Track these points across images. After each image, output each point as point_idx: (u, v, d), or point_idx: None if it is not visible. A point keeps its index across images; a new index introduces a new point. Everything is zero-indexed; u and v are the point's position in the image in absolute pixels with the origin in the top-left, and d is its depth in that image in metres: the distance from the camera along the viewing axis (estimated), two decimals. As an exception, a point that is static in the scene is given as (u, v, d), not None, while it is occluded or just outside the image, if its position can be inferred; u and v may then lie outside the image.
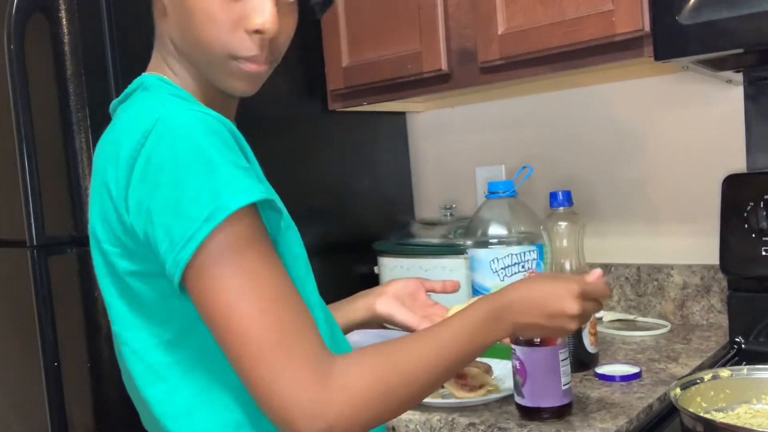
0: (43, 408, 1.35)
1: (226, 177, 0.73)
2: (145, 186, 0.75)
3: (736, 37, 1.07)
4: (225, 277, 0.72)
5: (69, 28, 1.28)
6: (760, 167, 1.41)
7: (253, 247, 0.74)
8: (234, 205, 0.72)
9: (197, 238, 0.72)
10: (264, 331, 0.72)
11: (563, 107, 1.69)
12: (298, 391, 0.72)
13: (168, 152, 0.74)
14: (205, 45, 0.84)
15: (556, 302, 0.87)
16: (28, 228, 1.32)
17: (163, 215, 0.73)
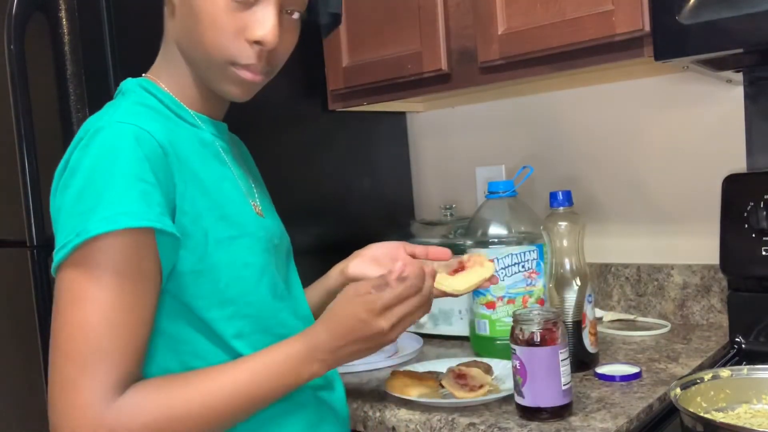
0: (43, 408, 1.35)
1: (112, 199, 0.78)
2: (61, 184, 0.83)
3: (736, 37, 1.07)
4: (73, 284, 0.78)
5: (69, 28, 1.28)
6: (760, 167, 1.41)
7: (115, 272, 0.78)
8: (96, 229, 0.77)
9: (67, 248, 0.78)
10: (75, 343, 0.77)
11: (563, 107, 1.69)
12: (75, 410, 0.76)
13: (84, 160, 0.81)
14: (207, 49, 0.89)
15: (361, 327, 0.86)
16: (28, 228, 1.32)
17: (60, 217, 0.82)
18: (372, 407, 1.16)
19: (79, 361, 0.77)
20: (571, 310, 1.23)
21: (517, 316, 1.06)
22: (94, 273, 0.78)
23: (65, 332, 0.78)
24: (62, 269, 0.79)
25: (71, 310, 0.78)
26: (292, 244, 1.11)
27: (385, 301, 0.87)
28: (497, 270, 1.32)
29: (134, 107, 0.88)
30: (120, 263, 0.79)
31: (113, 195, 0.78)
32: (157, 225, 0.80)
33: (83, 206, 0.79)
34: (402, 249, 1.16)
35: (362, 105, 1.67)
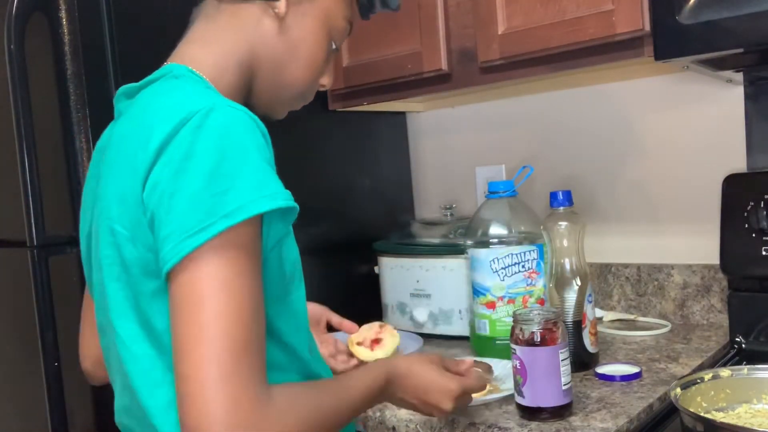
0: (43, 408, 1.35)
1: (257, 179, 0.74)
2: (169, 169, 0.74)
3: (736, 37, 1.07)
4: (216, 270, 0.72)
5: (69, 28, 1.28)
6: (761, 167, 1.41)
7: (251, 253, 0.74)
8: (257, 208, 0.73)
9: (210, 231, 0.71)
10: (225, 334, 0.71)
11: (563, 107, 1.69)
12: (232, 406, 0.69)
13: (203, 142, 0.74)
14: (296, 83, 0.96)
15: (435, 395, 0.94)
16: (28, 228, 1.32)
17: (180, 200, 0.72)
18: (372, 407, 1.16)
19: (238, 353, 0.71)
20: (571, 310, 1.23)
21: (517, 316, 1.06)
22: (239, 256, 0.73)
23: (219, 323, 0.70)
24: (199, 255, 0.71)
25: (223, 298, 0.71)
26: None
27: (467, 387, 0.97)
28: (497, 270, 1.33)
29: (213, 92, 0.83)
30: (257, 246, 0.75)
31: (257, 174, 0.74)
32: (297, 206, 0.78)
33: (220, 187, 0.72)
34: (325, 316, 1.28)
35: (362, 105, 1.67)
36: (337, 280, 1.71)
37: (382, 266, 1.65)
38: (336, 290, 1.67)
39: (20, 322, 1.42)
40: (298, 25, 0.93)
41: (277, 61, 0.93)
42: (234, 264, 0.72)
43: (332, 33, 0.96)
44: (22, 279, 1.36)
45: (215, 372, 0.69)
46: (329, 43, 0.96)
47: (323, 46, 0.95)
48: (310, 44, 0.94)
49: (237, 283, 0.72)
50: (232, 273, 0.72)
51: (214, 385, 0.69)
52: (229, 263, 0.72)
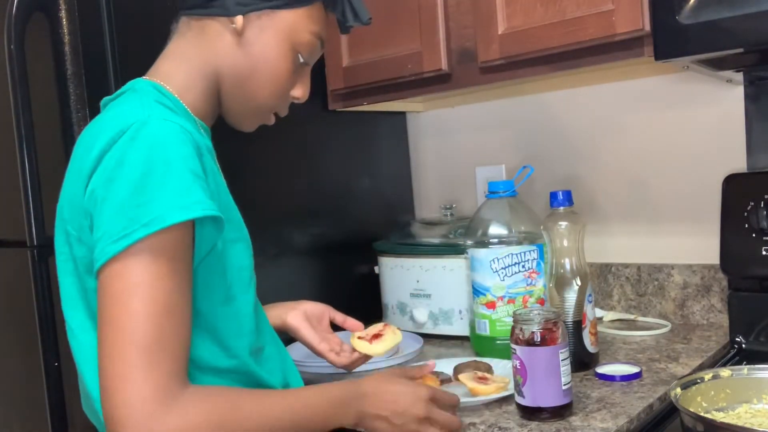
0: (43, 408, 1.35)
1: (177, 189, 0.79)
2: (103, 176, 0.81)
3: (736, 37, 1.07)
4: (133, 275, 0.78)
5: (69, 28, 1.28)
6: (761, 167, 1.41)
7: (171, 258, 0.80)
8: (172, 218, 0.78)
9: (131, 238, 0.77)
10: (142, 331, 0.77)
11: (563, 107, 1.69)
12: (141, 400, 0.75)
13: (133, 153, 0.80)
14: (262, 97, 0.98)
15: (404, 402, 0.94)
16: (28, 228, 1.32)
17: (109, 206, 0.79)
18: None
19: (144, 350, 0.76)
20: (571, 310, 1.23)
21: (517, 316, 1.06)
22: (157, 261, 0.78)
23: (130, 322, 0.77)
24: (120, 258, 0.78)
25: (135, 299, 0.77)
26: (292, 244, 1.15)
27: (437, 395, 0.98)
28: (497, 270, 1.33)
29: (159, 107, 0.89)
30: (179, 251, 0.80)
31: (178, 185, 0.79)
32: (220, 215, 0.83)
33: (143, 197, 0.78)
34: (327, 313, 1.27)
35: (362, 105, 1.67)
36: (337, 280, 1.71)
37: (382, 266, 1.65)
38: (336, 290, 1.67)
39: (20, 322, 1.42)
40: (257, 40, 0.96)
41: (238, 75, 0.97)
42: (151, 268, 0.78)
43: (297, 47, 0.98)
44: (22, 279, 1.36)
45: (121, 367, 0.76)
46: (294, 57, 0.99)
47: (286, 60, 0.98)
48: (270, 58, 0.96)
49: (154, 285, 0.78)
50: (149, 276, 0.78)
51: (120, 378, 0.76)
52: (147, 268, 0.78)
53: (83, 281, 0.88)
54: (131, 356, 0.76)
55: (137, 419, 0.74)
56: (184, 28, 0.98)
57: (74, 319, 0.90)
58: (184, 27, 0.98)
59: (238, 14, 0.94)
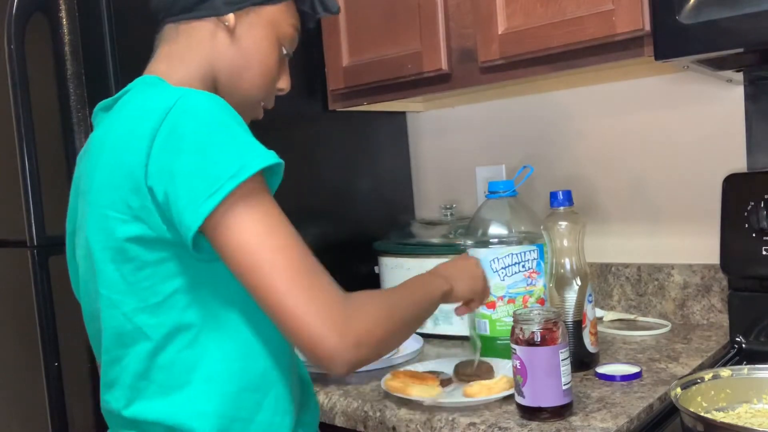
0: (43, 408, 1.35)
1: (247, 143, 0.83)
2: (168, 152, 0.82)
3: (736, 37, 1.07)
4: (250, 219, 0.81)
5: (69, 28, 1.28)
6: (761, 167, 1.41)
7: (270, 201, 0.84)
8: (257, 165, 0.81)
9: (221, 192, 0.79)
10: (292, 261, 0.81)
11: (563, 107, 1.69)
12: (330, 312, 0.80)
13: (191, 122, 0.82)
14: (253, 90, 1.02)
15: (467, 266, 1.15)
16: (28, 228, 1.32)
17: (187, 176, 0.81)
18: (372, 407, 1.16)
19: (309, 273, 0.81)
20: (571, 310, 1.23)
21: (517, 316, 1.06)
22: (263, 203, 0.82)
23: (283, 257, 0.81)
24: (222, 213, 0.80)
25: (273, 238, 0.81)
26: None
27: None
28: (497, 270, 1.32)
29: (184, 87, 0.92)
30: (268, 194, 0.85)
31: (245, 139, 0.83)
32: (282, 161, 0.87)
33: (218, 155, 0.81)
34: None
35: (362, 105, 1.67)
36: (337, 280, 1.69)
37: (382, 266, 1.65)
38: (336, 290, 1.67)
39: (20, 322, 1.42)
40: (248, 35, 1.00)
41: (234, 71, 1.01)
42: (263, 209, 0.82)
43: (281, 39, 1.04)
44: (22, 279, 1.36)
45: (299, 295, 0.80)
46: (279, 49, 1.04)
47: (274, 52, 1.03)
48: (261, 51, 1.01)
49: (275, 222, 0.83)
50: (266, 215, 0.82)
51: (304, 305, 0.80)
52: (259, 210, 0.82)
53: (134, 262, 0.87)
54: (297, 285, 0.80)
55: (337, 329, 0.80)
56: (171, 33, 1.00)
57: (125, 304, 0.89)
58: (171, 33, 1.00)
59: (229, 13, 0.98)
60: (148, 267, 0.87)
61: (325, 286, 0.82)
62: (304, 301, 0.80)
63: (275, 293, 0.80)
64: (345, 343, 0.80)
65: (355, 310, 0.83)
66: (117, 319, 0.91)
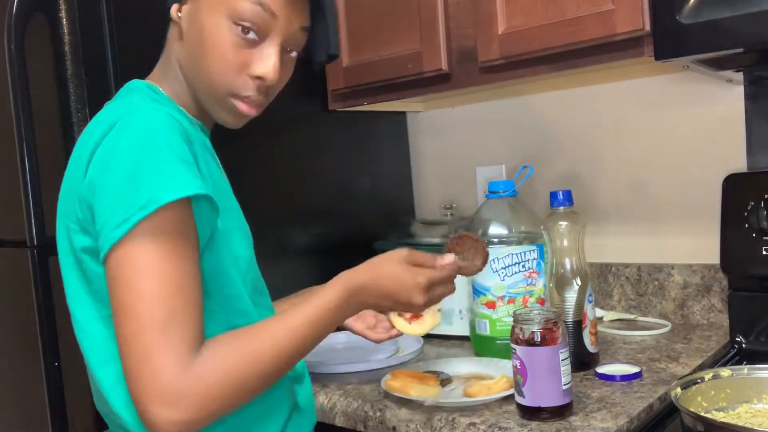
0: (43, 408, 1.35)
1: (168, 170, 0.81)
2: (98, 167, 0.84)
3: (736, 37, 1.07)
4: (138, 259, 0.80)
5: (69, 28, 1.28)
6: (761, 167, 1.41)
7: (174, 237, 0.81)
8: (167, 197, 0.80)
9: (130, 222, 0.79)
10: (149, 310, 0.79)
11: (563, 107, 1.69)
12: (160, 376, 0.78)
13: (123, 141, 0.83)
14: (212, 79, 0.94)
15: (404, 293, 0.96)
16: (28, 228, 1.32)
17: (107, 196, 0.82)
18: (372, 407, 1.16)
19: (157, 329, 0.79)
20: (571, 310, 1.23)
21: (517, 316, 1.06)
22: (159, 241, 0.80)
23: (140, 303, 0.79)
24: (123, 244, 0.80)
25: (143, 280, 0.80)
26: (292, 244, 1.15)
27: (434, 279, 0.99)
28: (498, 270, 1.33)
29: (151, 102, 0.91)
30: (179, 230, 0.82)
31: (169, 167, 0.81)
32: (211, 194, 0.85)
33: (137, 182, 0.80)
34: None
35: (362, 105, 1.67)
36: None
37: (382, 266, 1.65)
38: (336, 290, 1.67)
39: (20, 322, 1.42)
40: (193, 24, 0.95)
41: (190, 64, 0.96)
42: (155, 249, 0.80)
43: (233, 17, 0.91)
44: (22, 279, 1.36)
45: (139, 348, 0.79)
46: (231, 28, 0.91)
47: (225, 34, 0.91)
48: (209, 37, 0.92)
49: (160, 265, 0.80)
50: (154, 257, 0.80)
51: (143, 360, 0.78)
52: (151, 249, 0.80)
53: (87, 272, 0.89)
54: (147, 336, 0.78)
55: (160, 395, 0.77)
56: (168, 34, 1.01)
57: (81, 312, 0.92)
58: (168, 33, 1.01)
59: (172, 4, 0.96)
60: (98, 279, 0.88)
61: (171, 348, 0.78)
62: (142, 357, 0.78)
63: (125, 336, 0.80)
64: (164, 416, 0.78)
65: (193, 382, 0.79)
66: (76, 326, 0.93)
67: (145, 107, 0.86)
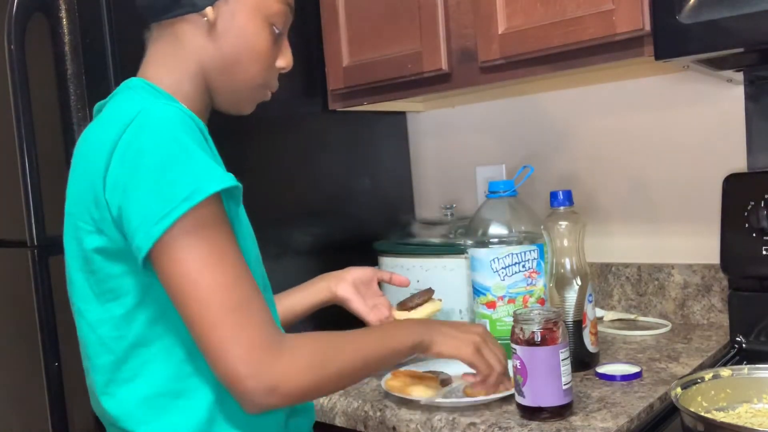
0: (43, 408, 1.35)
1: (203, 164, 0.82)
2: (124, 167, 0.82)
3: (736, 37, 1.07)
4: (194, 250, 0.80)
5: (69, 28, 1.28)
6: (761, 166, 1.41)
7: (220, 228, 0.83)
8: (211, 188, 0.81)
9: (173, 215, 0.79)
10: (226, 298, 0.80)
11: (563, 107, 1.69)
12: (251, 352, 0.80)
13: (148, 138, 0.82)
14: (252, 76, 0.99)
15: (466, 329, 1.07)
16: (29, 228, 1.32)
17: (141, 194, 0.80)
18: (372, 407, 1.16)
19: (239, 311, 0.80)
20: (571, 310, 1.23)
21: (517, 316, 1.06)
22: (207, 232, 0.81)
23: (212, 294, 0.80)
24: (169, 240, 0.80)
25: (207, 272, 0.80)
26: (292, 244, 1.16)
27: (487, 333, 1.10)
28: (498, 270, 1.33)
29: (160, 99, 0.90)
30: (222, 221, 0.83)
31: (202, 161, 0.82)
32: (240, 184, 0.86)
33: (172, 176, 0.80)
34: (375, 276, 1.33)
35: (362, 105, 1.67)
36: (338, 280, 1.70)
37: (382, 266, 1.65)
38: (336, 290, 1.67)
39: (20, 322, 1.42)
40: (232, 25, 0.96)
41: (224, 65, 0.98)
42: (210, 239, 0.81)
43: (270, 19, 0.99)
44: (22, 279, 1.36)
45: (228, 331, 0.79)
46: (270, 30, 0.99)
47: (264, 35, 0.98)
48: (249, 38, 0.97)
49: (218, 255, 0.81)
50: (212, 247, 0.81)
51: (224, 342, 0.79)
52: (206, 240, 0.81)
53: (97, 273, 0.88)
54: (226, 321, 0.79)
55: (255, 370, 0.79)
56: (156, 33, 0.99)
57: (90, 313, 0.91)
58: (156, 33, 0.99)
59: (206, 6, 0.95)
60: (111, 279, 0.87)
61: (255, 325, 0.81)
62: (228, 337, 0.79)
63: (204, 328, 0.80)
64: (259, 387, 0.80)
65: (283, 354, 0.81)
66: (83, 328, 0.93)
67: (159, 104, 0.85)
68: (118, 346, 0.89)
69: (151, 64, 0.99)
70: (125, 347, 0.89)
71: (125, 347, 0.89)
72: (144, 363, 0.89)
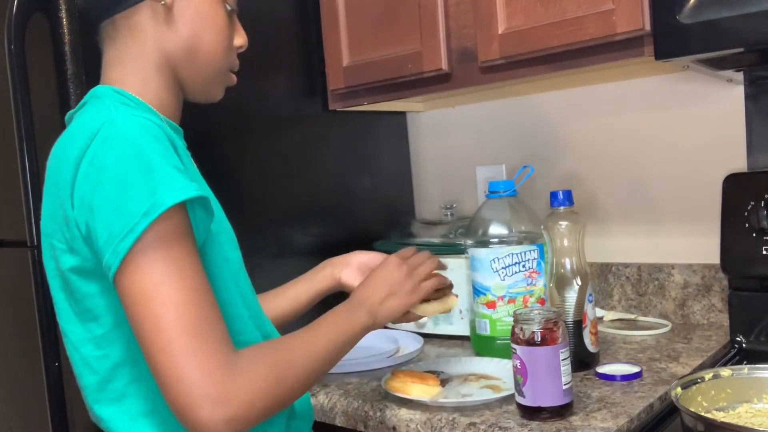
0: (43, 408, 1.35)
1: (163, 176, 0.79)
2: (88, 183, 0.80)
3: (736, 36, 1.07)
4: (153, 265, 0.78)
5: (69, 28, 1.28)
6: (761, 166, 1.41)
7: (181, 241, 0.80)
8: (169, 201, 0.78)
9: (136, 231, 0.77)
10: (179, 318, 0.77)
11: (563, 107, 1.69)
12: (205, 377, 0.76)
13: (110, 153, 0.80)
14: (216, 59, 0.97)
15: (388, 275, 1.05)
16: (29, 228, 1.32)
17: (104, 210, 0.79)
18: (372, 407, 1.16)
19: (192, 333, 0.77)
20: (571, 310, 1.23)
21: (517, 316, 1.06)
22: (169, 247, 0.79)
23: (167, 313, 0.77)
24: (133, 257, 0.77)
25: (163, 289, 0.77)
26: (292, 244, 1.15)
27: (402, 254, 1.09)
28: (498, 270, 1.32)
29: (123, 107, 0.88)
30: (185, 233, 0.81)
31: (163, 173, 0.79)
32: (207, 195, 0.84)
33: (134, 191, 0.78)
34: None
35: (362, 105, 1.67)
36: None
37: (382, 266, 1.65)
38: (336, 290, 1.67)
39: (20, 322, 1.42)
40: (188, 7, 0.94)
41: (187, 50, 0.95)
42: (167, 255, 0.78)
43: None
44: (22, 279, 1.36)
45: (179, 355, 0.76)
46: (223, 6, 0.97)
47: (219, 12, 0.97)
48: (205, 18, 0.95)
49: (175, 271, 0.78)
50: (168, 263, 0.78)
51: (183, 366, 0.76)
52: (163, 255, 0.78)
53: (75, 293, 0.87)
54: (180, 344, 0.76)
55: (208, 395, 0.76)
56: (112, 31, 0.95)
57: (73, 333, 0.90)
58: (112, 31, 0.95)
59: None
60: (88, 299, 0.86)
61: (210, 349, 0.77)
62: (181, 363, 0.76)
63: (154, 349, 0.77)
64: (214, 418, 0.76)
65: (238, 378, 0.78)
66: (68, 348, 0.92)
67: (124, 114, 0.84)
68: (101, 366, 0.88)
69: (112, 66, 0.95)
70: (108, 367, 0.87)
71: (108, 367, 0.87)
72: (130, 382, 0.87)
